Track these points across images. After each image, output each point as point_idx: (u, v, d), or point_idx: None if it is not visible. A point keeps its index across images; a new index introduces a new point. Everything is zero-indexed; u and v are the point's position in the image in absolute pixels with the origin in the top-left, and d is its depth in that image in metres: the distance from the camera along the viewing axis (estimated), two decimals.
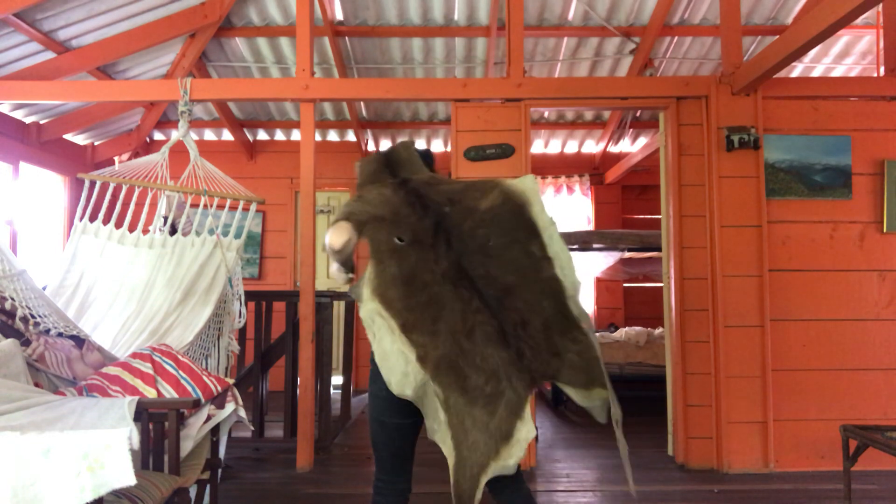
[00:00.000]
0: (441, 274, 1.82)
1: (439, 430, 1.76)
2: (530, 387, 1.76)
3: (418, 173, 2.03)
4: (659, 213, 4.09)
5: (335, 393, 5.59)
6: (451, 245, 1.85)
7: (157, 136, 6.31)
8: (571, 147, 6.70)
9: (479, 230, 1.85)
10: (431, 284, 1.81)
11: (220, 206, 3.70)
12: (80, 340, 2.74)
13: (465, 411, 1.71)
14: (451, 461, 1.73)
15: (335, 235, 1.86)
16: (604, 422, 1.85)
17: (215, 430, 2.63)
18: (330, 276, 2.14)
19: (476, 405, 1.71)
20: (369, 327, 1.86)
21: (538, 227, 1.86)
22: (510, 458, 1.68)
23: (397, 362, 1.77)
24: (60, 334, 2.68)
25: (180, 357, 2.66)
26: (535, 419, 4.52)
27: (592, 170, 6.77)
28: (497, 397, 1.72)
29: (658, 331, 5.62)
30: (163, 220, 3.60)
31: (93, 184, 3.58)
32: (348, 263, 1.96)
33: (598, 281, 6.70)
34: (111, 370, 2.54)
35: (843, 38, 5.07)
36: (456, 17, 4.84)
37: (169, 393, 2.52)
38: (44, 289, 2.97)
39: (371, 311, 1.84)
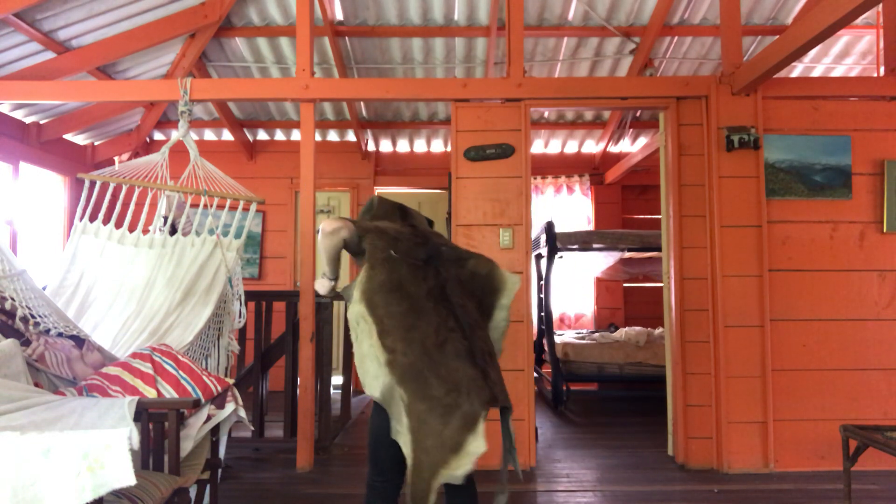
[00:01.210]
0: (426, 290, 1.98)
1: (402, 433, 1.84)
2: (488, 404, 1.85)
3: (423, 227, 2.32)
4: (659, 213, 4.10)
5: (335, 393, 5.59)
6: (440, 272, 2.07)
7: (157, 136, 6.31)
8: (571, 147, 6.70)
9: (464, 274, 2.13)
10: (414, 297, 1.94)
11: (220, 206, 3.71)
12: (80, 340, 2.74)
13: (424, 418, 1.79)
14: (409, 463, 1.80)
15: (331, 222, 2.01)
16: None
17: (215, 430, 2.63)
18: (315, 288, 2.27)
19: (433, 413, 1.79)
20: (353, 329, 1.97)
21: (495, 309, 2.15)
22: (458, 469, 1.74)
23: (371, 365, 1.88)
24: (60, 334, 2.68)
25: (180, 357, 2.66)
26: (535, 419, 4.52)
27: (592, 170, 6.77)
28: (454, 409, 1.79)
29: (658, 331, 5.62)
30: (163, 220, 3.60)
31: (93, 184, 3.58)
32: (334, 268, 2.11)
33: (598, 281, 6.70)
34: (111, 370, 2.54)
35: (843, 38, 5.06)
36: (456, 17, 4.84)
37: (169, 393, 2.52)
38: (44, 289, 2.97)
39: (357, 314, 1.94)
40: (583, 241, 5.38)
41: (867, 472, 3.54)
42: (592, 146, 6.68)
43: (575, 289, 6.72)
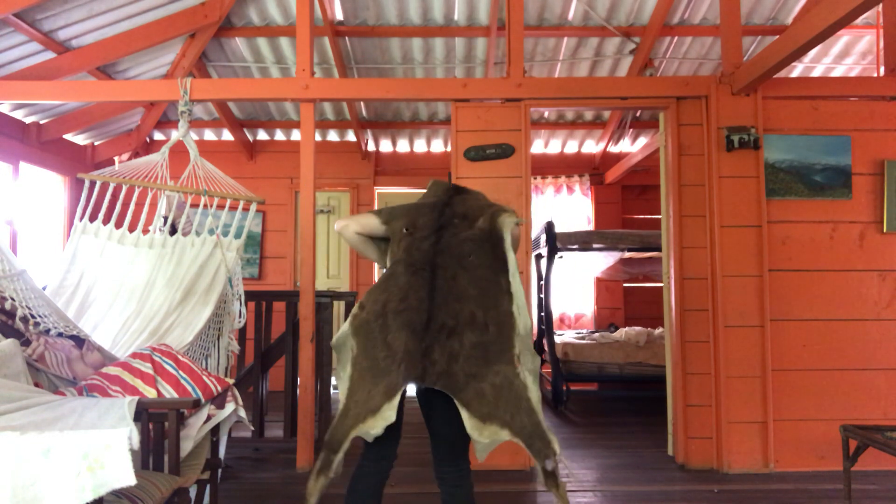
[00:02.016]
0: (411, 260, 2.03)
1: (343, 380, 1.98)
2: (413, 380, 1.85)
3: (468, 205, 2.24)
4: (659, 213, 4.09)
5: (335, 393, 5.59)
6: (439, 241, 2.06)
7: (157, 136, 6.31)
8: (571, 147, 6.70)
9: (467, 243, 2.05)
10: (398, 264, 2.04)
11: (220, 206, 3.71)
12: (80, 340, 2.74)
13: (363, 374, 1.91)
14: (339, 407, 1.94)
15: (340, 221, 2.23)
16: (481, 460, 1.90)
17: (215, 430, 2.63)
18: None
19: (370, 372, 1.89)
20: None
21: (508, 263, 2.04)
22: (371, 429, 1.85)
23: (349, 317, 2.05)
24: (60, 334, 2.68)
25: (180, 357, 2.66)
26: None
27: (592, 170, 6.77)
28: (385, 374, 1.86)
29: (658, 331, 5.62)
30: (163, 220, 3.60)
31: (93, 184, 3.58)
32: (372, 256, 2.31)
33: (598, 281, 6.70)
34: (111, 370, 2.54)
35: (843, 38, 5.07)
36: (456, 17, 4.84)
37: (169, 393, 2.52)
38: (44, 289, 2.97)
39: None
40: (583, 241, 5.38)
41: (867, 472, 3.54)
42: (592, 146, 6.68)
43: (575, 289, 6.72)
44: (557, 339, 5.64)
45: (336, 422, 1.91)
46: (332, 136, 6.51)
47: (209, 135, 6.39)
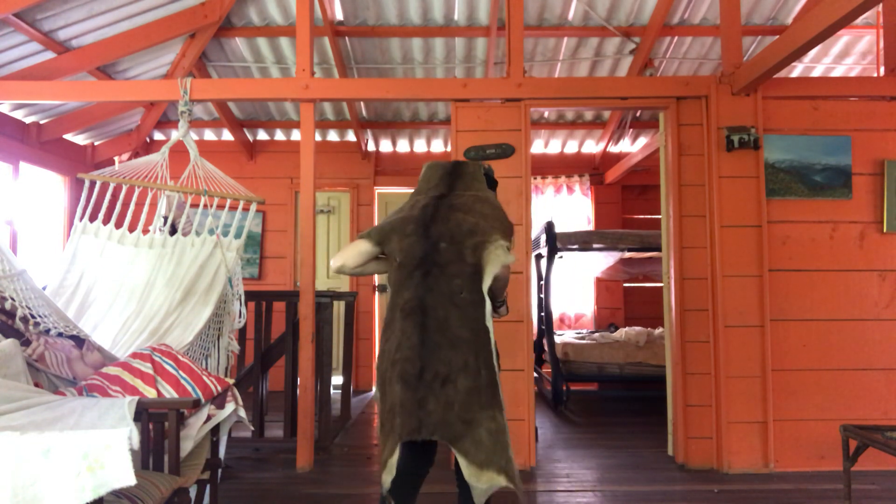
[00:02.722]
0: (403, 301, 1.97)
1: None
2: (410, 434, 1.83)
3: (470, 189, 2.19)
4: (659, 213, 4.09)
5: (335, 393, 5.60)
6: (427, 277, 1.97)
7: (157, 136, 6.31)
8: (571, 147, 6.70)
9: (457, 279, 1.96)
10: (395, 308, 1.99)
11: (220, 206, 3.71)
12: (80, 340, 2.74)
13: (381, 425, 1.96)
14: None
15: (335, 259, 2.16)
16: (479, 503, 1.91)
17: (215, 430, 2.63)
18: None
19: (382, 426, 1.94)
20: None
21: (484, 303, 1.98)
22: (385, 476, 1.88)
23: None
24: (60, 334, 2.68)
25: (180, 357, 2.66)
26: (535, 419, 4.52)
27: (592, 170, 6.77)
28: (390, 429, 1.89)
29: (658, 331, 5.62)
30: (163, 220, 3.60)
31: (93, 184, 3.58)
32: (372, 271, 2.25)
33: (598, 281, 6.70)
34: (111, 370, 2.54)
35: (843, 38, 5.07)
36: (456, 17, 4.84)
37: (169, 393, 2.52)
38: (44, 289, 2.97)
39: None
40: (583, 241, 5.38)
41: (867, 472, 3.54)
42: (592, 146, 6.68)
43: (575, 289, 6.72)
44: (557, 339, 5.64)
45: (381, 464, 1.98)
46: (332, 136, 6.50)
47: (209, 135, 6.39)
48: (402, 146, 6.70)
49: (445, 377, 1.84)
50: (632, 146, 6.64)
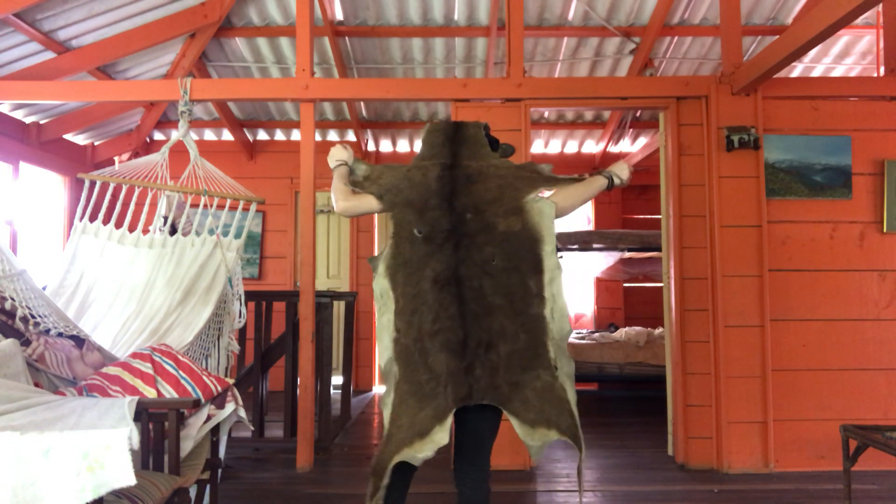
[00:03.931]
0: (435, 274, 1.94)
1: (387, 405, 1.95)
2: (462, 400, 1.85)
3: (477, 157, 2.14)
4: (659, 213, 4.09)
5: (335, 393, 5.59)
6: (458, 249, 1.97)
7: (157, 136, 6.31)
8: (571, 147, 6.70)
9: (487, 247, 1.97)
10: (424, 280, 1.95)
11: (220, 206, 3.70)
12: (80, 340, 2.74)
13: (405, 398, 1.89)
14: (385, 433, 1.91)
15: (345, 199, 2.11)
16: (536, 462, 1.95)
17: (215, 430, 2.63)
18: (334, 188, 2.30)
19: (414, 396, 1.88)
20: (377, 300, 2.05)
21: (543, 265, 1.98)
22: (419, 452, 1.82)
23: (385, 337, 1.98)
24: (60, 334, 2.68)
25: (180, 357, 2.66)
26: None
27: (592, 170, 6.76)
28: (431, 397, 1.86)
29: (658, 331, 5.62)
30: (163, 220, 3.60)
31: (93, 184, 3.58)
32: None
33: (598, 281, 6.70)
34: (111, 370, 2.54)
35: (843, 38, 5.06)
36: (456, 17, 4.84)
37: (169, 393, 2.52)
38: (44, 289, 2.97)
39: (381, 287, 2.02)
40: (583, 241, 5.38)
41: (867, 472, 3.54)
42: (592, 146, 6.68)
43: (575, 289, 6.72)
44: None
45: (381, 448, 1.90)
46: (332, 136, 6.50)
47: (209, 135, 6.39)
48: (402, 146, 6.70)
49: (488, 343, 1.89)
50: (632, 146, 6.64)
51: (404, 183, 2.08)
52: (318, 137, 6.45)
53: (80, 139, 5.57)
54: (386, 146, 6.70)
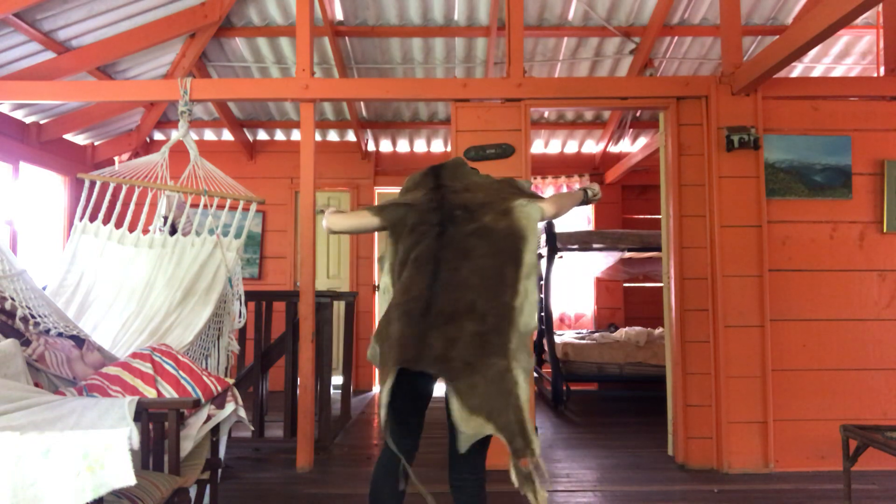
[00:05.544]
0: (416, 256, 2.01)
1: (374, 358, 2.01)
2: (405, 363, 1.84)
3: (459, 178, 2.23)
4: (659, 213, 4.09)
5: (335, 393, 5.59)
6: (443, 236, 2.02)
7: (157, 136, 6.31)
8: (571, 147, 6.70)
9: (472, 237, 2.01)
10: (409, 265, 2.02)
11: (220, 206, 3.71)
12: (80, 340, 2.74)
13: (380, 371, 1.93)
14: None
15: (343, 219, 2.21)
16: (462, 451, 1.87)
17: (215, 430, 2.63)
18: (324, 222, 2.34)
19: (382, 367, 1.92)
20: (381, 296, 2.15)
21: (523, 260, 2.00)
22: (382, 418, 1.85)
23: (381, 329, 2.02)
24: (60, 334, 2.68)
25: (180, 357, 2.66)
26: (535, 419, 4.52)
27: (592, 170, 6.77)
28: (385, 361, 1.90)
29: (658, 331, 5.62)
30: (163, 220, 3.60)
31: (93, 184, 3.58)
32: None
33: (598, 281, 6.70)
34: (111, 370, 2.54)
35: (843, 38, 5.06)
36: (456, 17, 4.84)
37: (169, 393, 2.52)
38: (44, 289, 2.97)
39: (384, 283, 2.13)
40: (583, 241, 5.38)
41: (867, 472, 3.54)
42: (592, 146, 6.68)
43: (575, 289, 6.72)
44: (557, 339, 5.64)
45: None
46: (332, 136, 6.51)
47: (209, 135, 6.39)
48: (402, 146, 6.70)
49: (450, 315, 1.87)
50: (632, 146, 6.63)
51: (399, 200, 2.20)
52: (318, 137, 6.45)
53: (80, 139, 5.58)
54: (386, 146, 6.70)
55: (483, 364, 1.82)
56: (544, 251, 5.44)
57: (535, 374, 5.74)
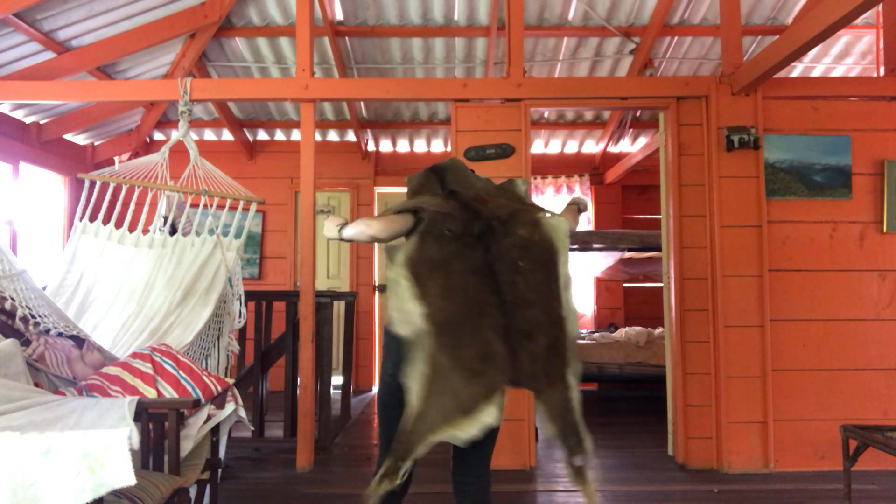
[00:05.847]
0: (472, 267, 1.96)
1: (414, 379, 1.82)
2: (511, 383, 1.86)
3: (464, 184, 2.20)
4: (659, 213, 4.09)
5: (335, 393, 5.59)
6: (489, 250, 2.00)
7: (157, 136, 6.31)
8: (571, 147, 6.70)
9: (514, 250, 2.01)
10: (459, 272, 1.95)
11: (220, 206, 3.70)
12: (80, 340, 2.74)
13: (445, 374, 1.80)
14: (412, 411, 1.79)
15: (385, 224, 2.02)
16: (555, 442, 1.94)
17: (215, 430, 2.63)
18: (325, 231, 2.25)
19: (456, 372, 1.80)
20: (392, 287, 1.97)
21: (559, 271, 2.02)
22: (461, 432, 1.76)
23: (410, 311, 1.88)
24: (60, 334, 2.68)
25: (180, 357, 2.66)
26: (536, 419, 4.52)
27: (592, 170, 6.77)
28: (479, 375, 1.81)
29: (658, 331, 5.62)
30: (163, 220, 3.60)
31: (93, 184, 3.58)
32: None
33: (598, 281, 6.70)
34: (111, 370, 2.54)
35: (843, 38, 5.06)
36: (456, 17, 4.84)
37: (169, 393, 2.52)
38: (44, 289, 2.97)
39: (398, 275, 1.95)
40: (583, 241, 5.38)
41: (867, 472, 3.54)
42: (592, 146, 6.68)
43: (575, 289, 6.71)
44: None
45: (409, 425, 1.79)
46: (332, 136, 6.51)
47: (209, 135, 6.39)
48: (402, 146, 6.70)
49: (528, 333, 1.90)
50: (632, 146, 6.63)
51: (428, 201, 2.11)
52: (318, 137, 6.45)
53: (80, 139, 5.58)
54: (386, 146, 6.70)
55: (557, 375, 1.91)
56: None
57: None
